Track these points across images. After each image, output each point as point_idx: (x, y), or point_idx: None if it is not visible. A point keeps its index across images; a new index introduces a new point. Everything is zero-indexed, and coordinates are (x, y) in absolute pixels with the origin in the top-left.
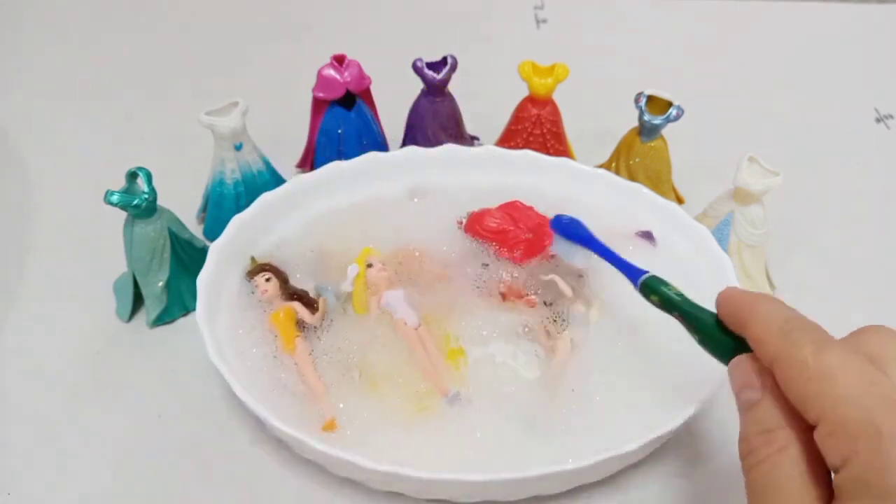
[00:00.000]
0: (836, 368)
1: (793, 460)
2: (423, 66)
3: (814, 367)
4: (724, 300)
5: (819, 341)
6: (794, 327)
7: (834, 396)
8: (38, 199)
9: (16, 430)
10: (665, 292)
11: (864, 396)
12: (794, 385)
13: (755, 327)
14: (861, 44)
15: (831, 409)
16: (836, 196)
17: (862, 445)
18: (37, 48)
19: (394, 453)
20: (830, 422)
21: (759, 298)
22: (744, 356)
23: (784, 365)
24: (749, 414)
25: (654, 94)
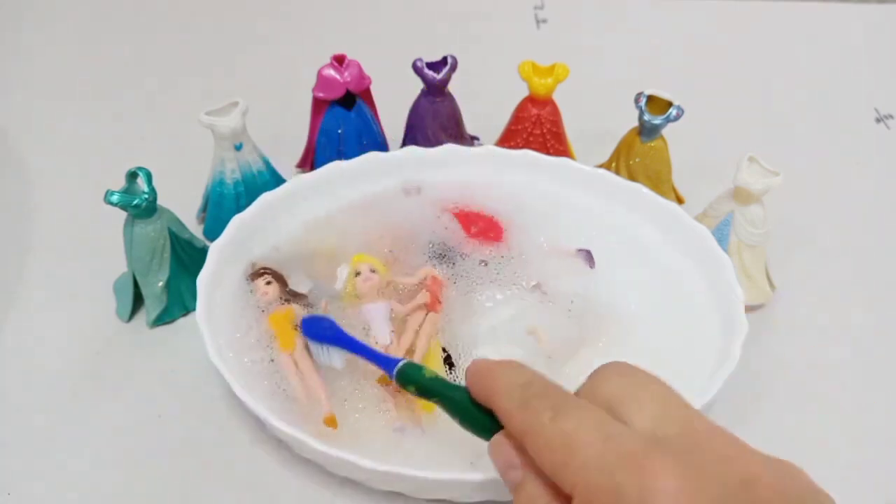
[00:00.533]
0: (573, 433)
1: None
2: (423, 66)
3: (552, 434)
4: (470, 373)
5: (556, 406)
6: (533, 394)
7: (576, 465)
8: (38, 199)
9: (16, 430)
10: (420, 379)
11: (604, 458)
12: (542, 458)
13: (499, 401)
14: (861, 44)
15: (577, 479)
16: (836, 196)
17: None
18: (37, 48)
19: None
20: (580, 492)
21: (500, 366)
22: (500, 435)
23: (528, 439)
24: (519, 493)
25: (654, 94)
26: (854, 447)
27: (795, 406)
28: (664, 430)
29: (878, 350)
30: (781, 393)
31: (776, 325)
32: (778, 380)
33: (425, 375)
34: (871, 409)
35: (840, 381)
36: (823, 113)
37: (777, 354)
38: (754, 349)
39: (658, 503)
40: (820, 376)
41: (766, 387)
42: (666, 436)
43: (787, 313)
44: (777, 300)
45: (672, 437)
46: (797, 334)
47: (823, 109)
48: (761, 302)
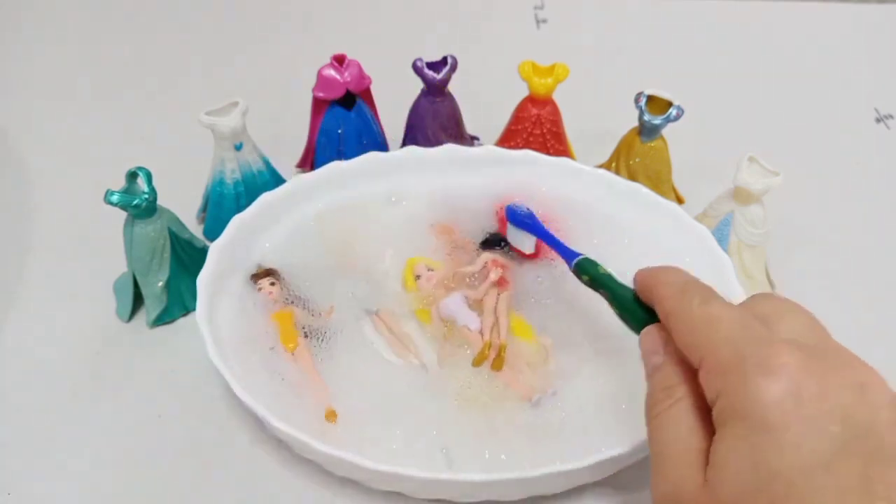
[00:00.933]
0: (716, 316)
1: (686, 409)
2: (423, 66)
3: (698, 316)
4: (639, 275)
5: (705, 296)
6: (688, 287)
7: (712, 340)
8: (38, 199)
9: (16, 430)
10: (594, 272)
11: (737, 337)
12: (682, 334)
13: (658, 290)
14: (861, 44)
15: (709, 351)
16: (836, 196)
17: (731, 378)
18: (37, 48)
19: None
20: (708, 362)
21: (666, 268)
22: (652, 326)
23: (675, 318)
24: (654, 376)
25: (654, 94)
26: None
27: None
28: (801, 338)
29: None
30: None
31: None
32: None
33: (599, 270)
34: None
35: None
36: (823, 113)
37: None
38: None
39: (775, 372)
40: None
41: None
42: (800, 341)
43: None
44: None
45: (805, 342)
46: None
47: (823, 109)
48: None
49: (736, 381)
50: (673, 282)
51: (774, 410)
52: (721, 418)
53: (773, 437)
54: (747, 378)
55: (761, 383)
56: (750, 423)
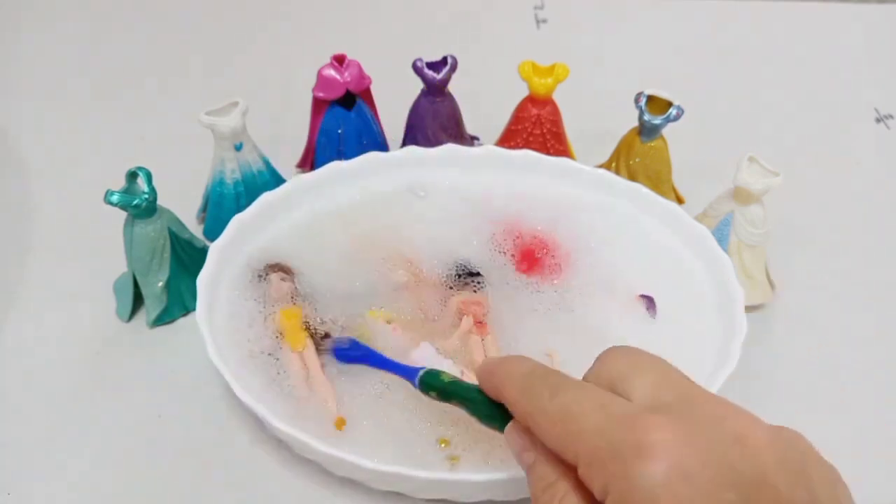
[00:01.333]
0: (571, 406)
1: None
2: (423, 66)
3: (553, 412)
4: (479, 371)
5: (554, 386)
6: (534, 380)
7: (576, 434)
8: (38, 199)
9: (16, 430)
10: (440, 384)
11: (600, 423)
12: (546, 435)
13: (504, 390)
14: (861, 44)
15: (578, 445)
16: (836, 196)
17: (611, 473)
18: (37, 48)
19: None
20: (582, 459)
21: (505, 361)
22: (511, 425)
23: (532, 418)
24: (531, 474)
25: (654, 94)
26: (855, 447)
27: (795, 406)
28: (661, 398)
29: (878, 350)
30: (781, 393)
31: (776, 325)
32: (778, 380)
33: (444, 380)
34: (872, 409)
35: (840, 381)
36: (823, 113)
37: (777, 354)
38: (754, 349)
39: (653, 454)
40: (820, 376)
41: (766, 387)
42: (662, 402)
43: (787, 313)
44: (777, 300)
45: (668, 403)
46: (797, 334)
47: (823, 109)
48: (761, 302)
49: (618, 473)
50: (515, 378)
51: (665, 494)
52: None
53: None
54: (627, 466)
55: (643, 468)
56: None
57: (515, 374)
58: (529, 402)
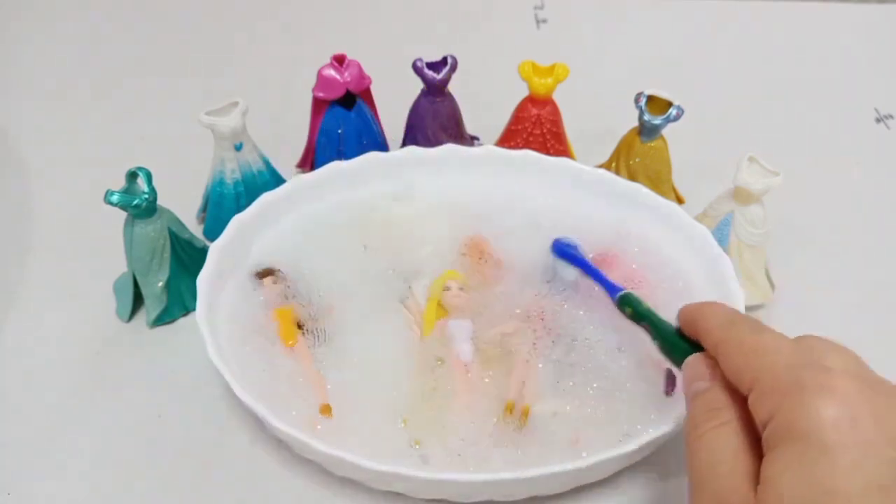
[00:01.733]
0: (770, 344)
1: (733, 431)
2: (423, 66)
3: (750, 343)
4: (685, 309)
5: (756, 327)
6: (737, 318)
7: (765, 365)
8: (38, 199)
9: (16, 430)
10: (637, 306)
11: (791, 362)
12: (733, 361)
13: (704, 322)
14: (861, 44)
15: (762, 375)
16: (836, 196)
17: (787, 399)
18: (37, 48)
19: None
20: (761, 386)
21: (712, 303)
22: (696, 355)
23: (725, 345)
24: (698, 399)
25: (654, 94)
26: None
27: None
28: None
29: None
30: None
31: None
32: None
33: (642, 305)
34: None
35: None
36: (823, 113)
37: None
38: None
39: (833, 395)
40: None
41: None
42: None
43: (787, 313)
44: (777, 300)
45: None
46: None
47: (823, 109)
48: (761, 302)
49: (793, 402)
50: (721, 314)
51: (832, 432)
52: (774, 439)
53: (830, 458)
54: (805, 399)
55: (819, 404)
56: (806, 442)
57: (723, 311)
58: (729, 332)
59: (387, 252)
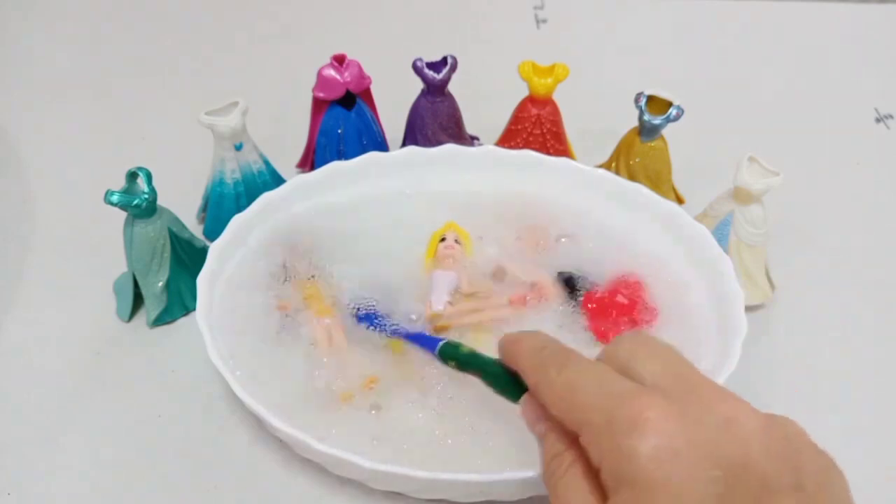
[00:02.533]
0: (575, 380)
1: (577, 474)
2: (423, 66)
3: (558, 383)
4: (501, 343)
5: (562, 361)
6: (545, 354)
7: (578, 406)
8: (38, 199)
9: (16, 430)
10: (458, 355)
11: (599, 399)
12: (552, 405)
13: (521, 361)
14: (861, 44)
15: (579, 417)
16: (836, 196)
17: (606, 443)
18: (37, 48)
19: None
20: (583, 431)
21: (524, 335)
22: (527, 394)
23: (540, 389)
24: (542, 444)
25: (654, 94)
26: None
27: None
28: (662, 381)
29: (877, 350)
30: (781, 393)
31: (776, 325)
32: (778, 380)
33: (462, 351)
34: (872, 409)
35: (840, 381)
36: (823, 113)
37: (777, 354)
38: (754, 349)
39: (644, 430)
40: (820, 376)
41: (766, 387)
42: (662, 385)
43: (787, 313)
44: (777, 300)
45: (667, 386)
46: (797, 334)
47: (823, 109)
48: (761, 302)
49: (612, 447)
50: (528, 349)
51: (652, 467)
52: (608, 484)
53: (658, 494)
54: (618, 439)
55: (632, 442)
56: (633, 486)
57: (529, 347)
58: (540, 374)
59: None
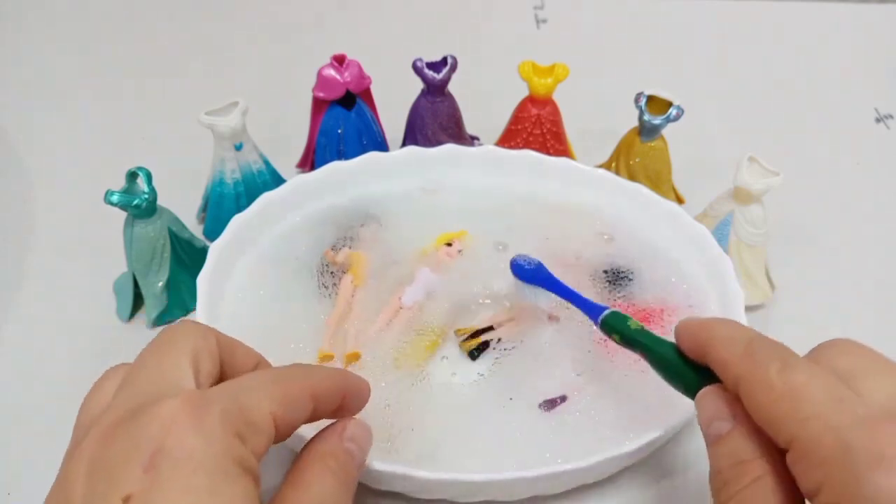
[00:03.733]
0: (802, 387)
1: (769, 491)
2: (423, 66)
3: (780, 386)
4: (682, 329)
5: (784, 359)
6: (758, 347)
7: (802, 418)
8: (38, 199)
9: (16, 430)
10: (625, 329)
11: (834, 416)
12: (762, 407)
13: (717, 351)
14: (861, 44)
15: (800, 431)
16: (836, 196)
17: (835, 470)
18: (37, 48)
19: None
20: (801, 445)
21: (717, 322)
22: (712, 387)
23: (749, 386)
24: (720, 446)
25: (654, 94)
26: None
27: None
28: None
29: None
30: None
31: (776, 325)
32: None
33: (631, 326)
34: None
35: None
36: (823, 113)
37: None
38: None
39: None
40: None
41: None
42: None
43: (787, 313)
44: (777, 300)
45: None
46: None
47: (823, 109)
48: (761, 302)
49: (844, 476)
50: (734, 339)
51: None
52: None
53: None
54: (859, 472)
55: (879, 480)
56: None
57: (730, 337)
58: (751, 367)
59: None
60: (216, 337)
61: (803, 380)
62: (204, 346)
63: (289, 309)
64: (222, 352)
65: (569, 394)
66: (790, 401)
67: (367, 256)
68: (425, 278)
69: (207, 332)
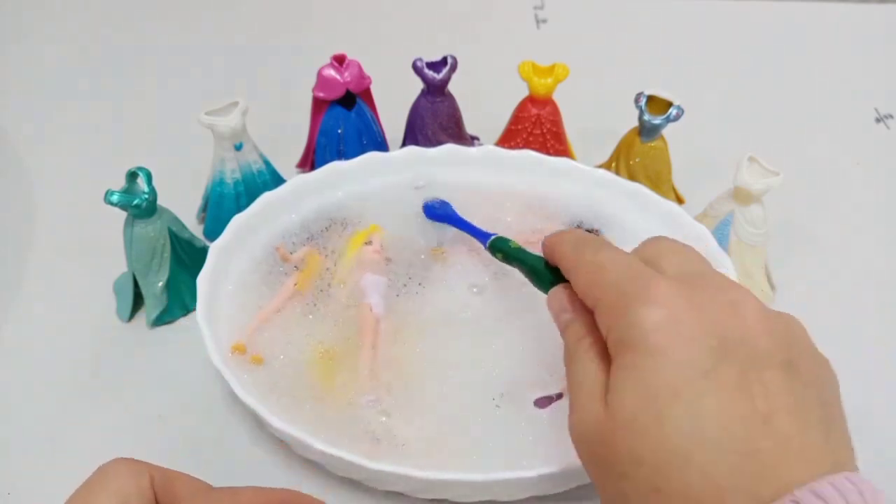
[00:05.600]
0: (605, 262)
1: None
2: (423, 66)
3: (589, 263)
4: (544, 241)
5: (596, 246)
6: (581, 241)
7: (602, 283)
8: (38, 199)
9: (16, 430)
10: (506, 248)
11: (621, 278)
12: (579, 283)
13: (558, 248)
14: (861, 44)
15: (599, 293)
16: (836, 196)
17: (616, 312)
18: (37, 48)
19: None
20: (600, 304)
21: (566, 232)
22: (557, 287)
23: (573, 270)
24: (567, 331)
25: (654, 94)
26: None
27: None
28: (679, 272)
29: (878, 350)
30: None
31: None
32: None
33: (511, 245)
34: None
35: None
36: (823, 113)
37: None
38: None
39: (653, 302)
40: None
41: None
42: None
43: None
44: (777, 300)
45: (682, 275)
46: None
47: (823, 109)
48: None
49: (620, 314)
50: (571, 238)
51: (656, 335)
52: (613, 351)
53: (657, 358)
54: (629, 309)
55: (641, 312)
56: (635, 350)
57: (571, 238)
58: (575, 255)
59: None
60: (151, 474)
61: (606, 257)
62: (133, 488)
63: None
64: (159, 489)
65: (564, 391)
66: (596, 273)
67: (322, 260)
68: (373, 285)
69: (140, 471)
